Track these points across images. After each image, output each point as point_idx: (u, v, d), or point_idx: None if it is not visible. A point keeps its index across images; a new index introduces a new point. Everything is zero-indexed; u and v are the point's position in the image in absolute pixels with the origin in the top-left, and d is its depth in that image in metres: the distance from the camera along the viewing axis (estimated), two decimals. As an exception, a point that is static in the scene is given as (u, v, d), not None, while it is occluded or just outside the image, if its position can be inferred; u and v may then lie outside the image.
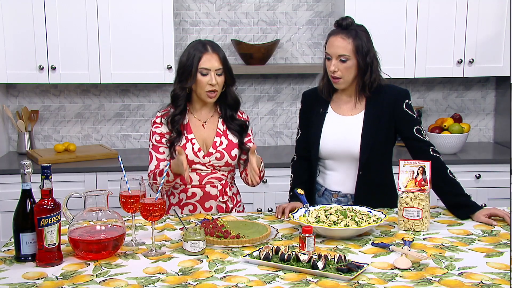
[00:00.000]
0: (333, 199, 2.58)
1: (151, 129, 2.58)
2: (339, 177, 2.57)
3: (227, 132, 2.60)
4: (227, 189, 2.62)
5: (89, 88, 4.05)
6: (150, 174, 2.52)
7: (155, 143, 2.55)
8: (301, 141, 2.67)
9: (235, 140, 2.59)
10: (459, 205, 2.41)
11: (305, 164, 2.65)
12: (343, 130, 2.52)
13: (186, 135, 2.54)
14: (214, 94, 2.50)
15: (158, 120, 2.57)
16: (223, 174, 2.60)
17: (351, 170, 2.53)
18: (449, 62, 3.83)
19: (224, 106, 2.60)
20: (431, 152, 2.45)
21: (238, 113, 2.64)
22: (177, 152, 2.39)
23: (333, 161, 2.56)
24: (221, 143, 2.56)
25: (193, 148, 2.52)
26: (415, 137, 2.48)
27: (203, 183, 2.56)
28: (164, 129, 2.55)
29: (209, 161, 2.54)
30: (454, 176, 2.44)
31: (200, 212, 2.55)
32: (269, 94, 4.15)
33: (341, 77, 2.45)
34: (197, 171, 2.55)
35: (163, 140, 2.55)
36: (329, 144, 2.53)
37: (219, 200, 2.60)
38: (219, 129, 2.59)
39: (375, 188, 2.53)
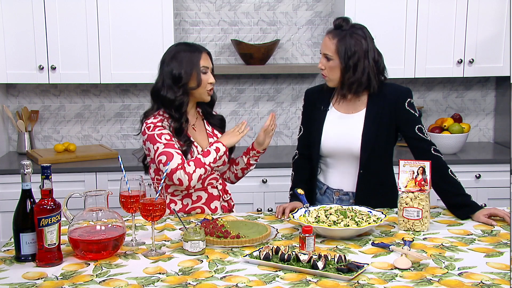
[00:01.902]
0: (334, 197, 2.58)
1: (154, 134, 2.42)
2: (340, 175, 2.57)
3: (215, 131, 2.63)
4: (226, 188, 2.65)
5: (89, 88, 4.05)
6: (179, 167, 2.35)
7: (166, 142, 2.39)
8: (303, 138, 2.68)
9: None
10: (459, 204, 2.41)
11: (306, 162, 2.66)
12: (344, 127, 2.52)
13: None
14: (212, 92, 2.54)
15: (159, 124, 2.44)
16: (218, 174, 2.62)
17: (352, 168, 2.54)
18: (449, 62, 3.83)
19: (203, 105, 2.61)
20: (433, 152, 2.46)
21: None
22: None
23: (334, 159, 2.57)
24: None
25: (197, 151, 2.51)
26: (417, 136, 2.49)
27: (205, 185, 2.56)
28: (168, 130, 2.46)
29: None
30: (455, 176, 2.44)
31: (186, 215, 2.54)
32: (269, 94, 4.15)
33: (327, 75, 2.49)
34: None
35: (174, 139, 2.44)
36: (330, 141, 2.54)
37: (222, 200, 2.61)
38: (208, 130, 2.61)
39: (376, 187, 2.53)
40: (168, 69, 2.45)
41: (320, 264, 1.82)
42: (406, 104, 2.50)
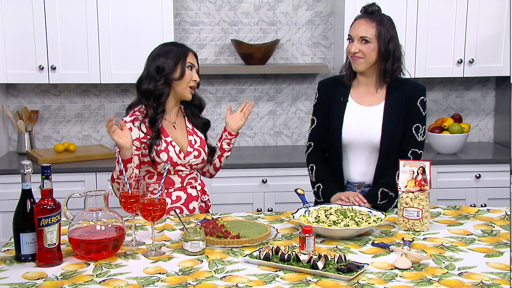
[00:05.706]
0: (357, 190, 2.59)
1: None
2: (360, 167, 2.60)
3: (195, 129, 2.63)
4: (205, 188, 2.68)
5: (89, 88, 4.05)
6: (116, 181, 2.40)
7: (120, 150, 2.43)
8: (318, 130, 2.67)
9: (203, 137, 2.64)
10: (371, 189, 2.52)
11: (324, 154, 2.66)
12: (365, 120, 2.56)
13: (164, 138, 2.50)
14: (193, 91, 2.54)
15: (128, 126, 2.44)
16: (197, 174, 2.64)
17: (371, 160, 2.57)
18: (449, 62, 3.83)
19: (189, 106, 2.62)
20: (408, 154, 2.54)
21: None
22: (120, 127, 2.30)
23: (353, 151, 2.59)
24: (195, 141, 2.59)
25: (174, 150, 2.51)
26: (409, 132, 2.55)
27: (184, 184, 2.57)
28: (133, 135, 2.44)
29: (188, 161, 2.55)
30: (396, 182, 2.45)
31: (186, 215, 2.54)
32: (269, 94, 4.15)
33: (362, 57, 2.48)
34: (178, 173, 2.56)
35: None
36: (351, 133, 2.56)
37: (201, 200, 2.63)
38: (188, 128, 2.61)
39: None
40: (155, 62, 2.51)
41: (320, 264, 1.82)
42: (418, 101, 2.57)
